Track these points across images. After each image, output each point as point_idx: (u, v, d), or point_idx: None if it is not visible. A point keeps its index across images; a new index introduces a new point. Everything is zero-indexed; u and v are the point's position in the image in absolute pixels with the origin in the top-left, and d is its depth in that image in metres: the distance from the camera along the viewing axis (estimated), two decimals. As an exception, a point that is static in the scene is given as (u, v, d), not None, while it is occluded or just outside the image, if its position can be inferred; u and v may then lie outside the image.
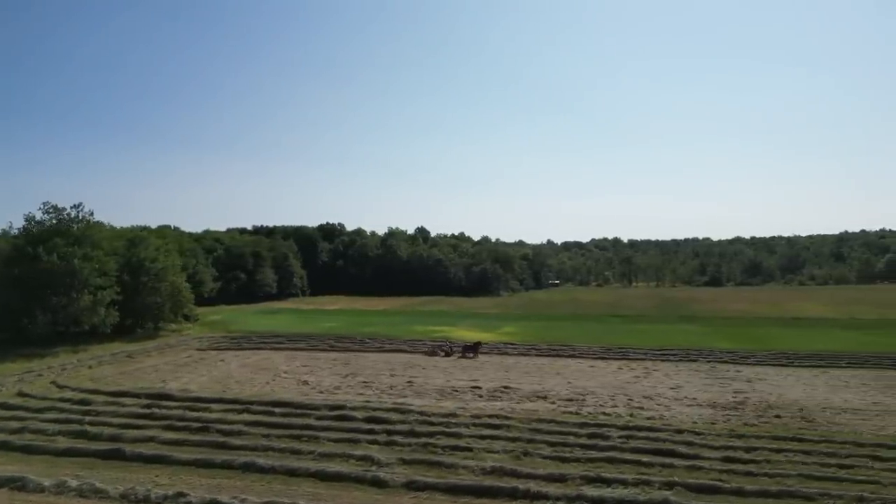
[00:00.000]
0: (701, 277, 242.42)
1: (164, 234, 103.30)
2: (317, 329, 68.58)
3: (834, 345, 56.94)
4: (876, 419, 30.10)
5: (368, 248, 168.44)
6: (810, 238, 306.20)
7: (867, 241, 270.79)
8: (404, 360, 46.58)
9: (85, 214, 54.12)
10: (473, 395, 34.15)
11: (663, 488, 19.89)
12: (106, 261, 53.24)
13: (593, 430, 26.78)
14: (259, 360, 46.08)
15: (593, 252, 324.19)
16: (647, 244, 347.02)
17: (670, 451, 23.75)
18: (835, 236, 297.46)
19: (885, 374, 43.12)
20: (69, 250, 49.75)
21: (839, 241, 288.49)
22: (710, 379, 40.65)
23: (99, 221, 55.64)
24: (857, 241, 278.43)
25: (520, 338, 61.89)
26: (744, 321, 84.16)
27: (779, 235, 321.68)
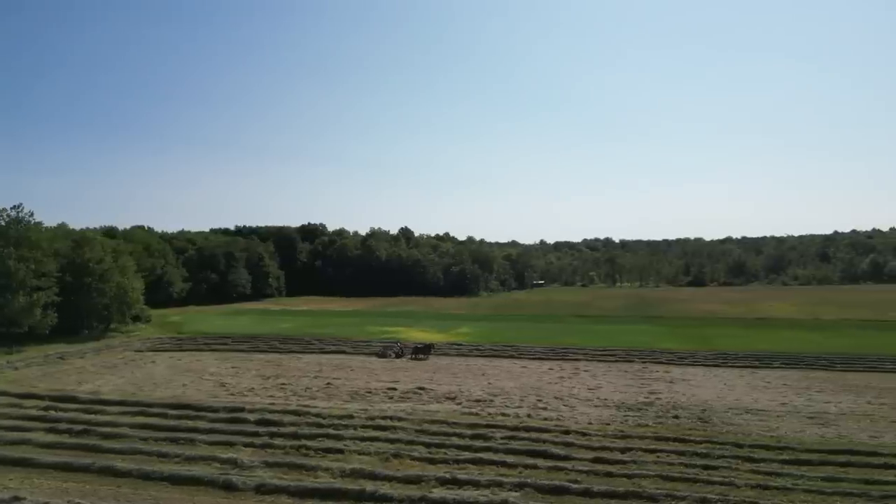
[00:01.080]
0: (685, 277, 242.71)
1: (115, 235, 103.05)
2: (271, 330, 68.42)
3: (781, 345, 57.14)
4: (775, 420, 30.19)
5: (348, 249, 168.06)
6: (800, 238, 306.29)
7: (854, 242, 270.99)
8: (338, 362, 46.54)
9: (24, 215, 53.80)
10: (384, 397, 34.14)
11: (513, 489, 19.94)
12: (44, 262, 52.98)
13: (482, 430, 26.85)
14: (191, 362, 45.98)
15: (583, 252, 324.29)
16: (639, 244, 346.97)
17: (544, 452, 23.80)
18: (822, 236, 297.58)
19: (812, 375, 43.30)
20: (3, 251, 49.48)
21: (826, 241, 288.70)
22: (634, 379, 40.73)
23: (39, 222, 55.39)
24: (845, 241, 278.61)
25: (472, 339, 61.92)
26: (706, 321, 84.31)
27: (771, 235, 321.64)
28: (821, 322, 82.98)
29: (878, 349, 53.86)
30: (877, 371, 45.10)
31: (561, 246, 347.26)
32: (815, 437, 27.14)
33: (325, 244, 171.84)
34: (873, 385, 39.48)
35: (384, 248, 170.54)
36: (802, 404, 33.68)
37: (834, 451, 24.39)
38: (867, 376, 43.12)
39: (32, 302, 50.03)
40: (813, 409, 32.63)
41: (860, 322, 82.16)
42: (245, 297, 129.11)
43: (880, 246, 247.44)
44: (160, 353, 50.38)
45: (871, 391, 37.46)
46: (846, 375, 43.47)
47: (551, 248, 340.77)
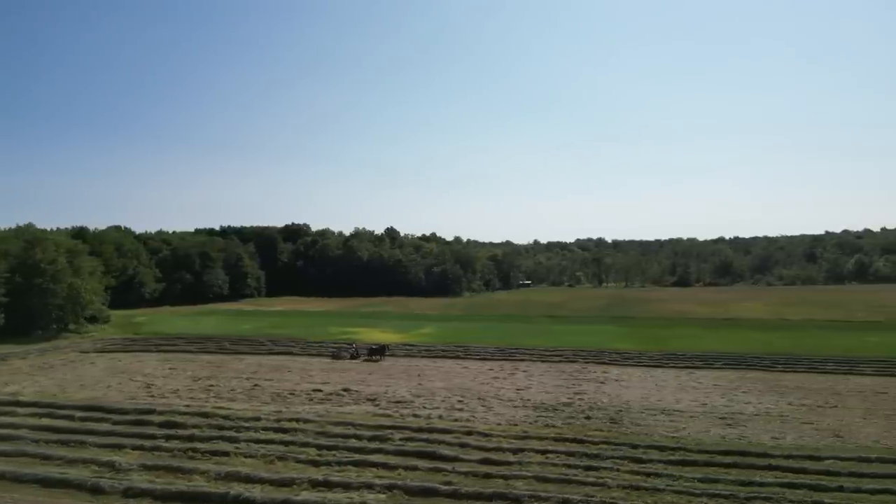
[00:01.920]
0: (671, 278, 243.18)
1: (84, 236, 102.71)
2: (231, 331, 68.33)
3: (735, 345, 57.42)
4: (686, 421, 30.25)
5: (329, 249, 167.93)
6: (790, 239, 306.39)
7: (841, 242, 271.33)
8: (279, 364, 46.45)
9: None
10: (305, 399, 34.11)
11: (382, 492, 19.96)
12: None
13: (384, 432, 26.85)
14: (131, 363, 45.88)
15: (575, 252, 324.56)
16: (631, 244, 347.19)
17: (433, 453, 23.83)
18: (812, 237, 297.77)
19: (749, 376, 43.41)
20: (-54, 252, 49.58)
21: (814, 241, 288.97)
22: (567, 380, 40.80)
23: None
24: (833, 241, 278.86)
25: (431, 340, 62.01)
26: (673, 322, 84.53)
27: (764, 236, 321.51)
28: (786, 322, 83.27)
29: (830, 350, 54.08)
30: (816, 372, 45.19)
31: (553, 246, 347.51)
32: (716, 437, 27.20)
33: (308, 244, 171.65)
34: (805, 386, 39.58)
35: (366, 248, 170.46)
36: (722, 405, 33.76)
37: (726, 452, 24.42)
38: (804, 377, 43.22)
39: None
40: (730, 409, 32.72)
41: (826, 322, 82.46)
42: (222, 297, 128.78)
43: (868, 246, 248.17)
44: (105, 355, 50.24)
45: (799, 392, 37.56)
46: (784, 376, 43.56)
47: (543, 248, 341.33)
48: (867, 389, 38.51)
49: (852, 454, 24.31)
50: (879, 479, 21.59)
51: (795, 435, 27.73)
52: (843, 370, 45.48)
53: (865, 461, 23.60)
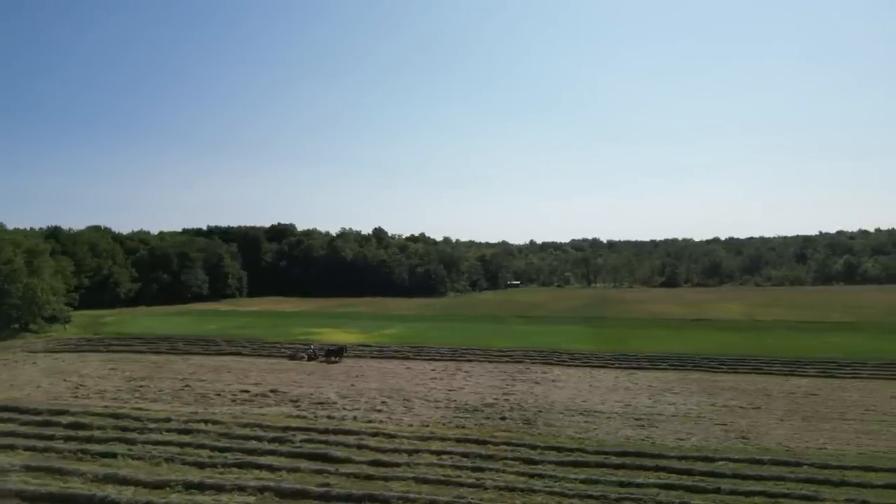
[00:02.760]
0: (659, 278, 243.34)
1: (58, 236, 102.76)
2: (197, 331, 68.20)
3: (691, 346, 57.48)
4: (603, 422, 30.26)
5: (314, 250, 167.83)
6: (784, 239, 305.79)
7: (832, 243, 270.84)
8: (222, 364, 46.39)
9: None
10: (227, 400, 34.05)
11: (253, 494, 19.85)
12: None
13: (286, 434, 26.75)
14: (73, 363, 45.80)
15: (568, 253, 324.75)
16: (626, 245, 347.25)
17: (325, 454, 23.76)
18: (804, 237, 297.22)
19: (690, 377, 43.51)
20: None
21: (805, 242, 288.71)
22: (504, 380, 40.86)
23: None
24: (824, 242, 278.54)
25: (392, 340, 61.94)
26: (642, 322, 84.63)
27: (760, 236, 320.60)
28: (755, 324, 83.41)
29: (788, 351, 54.09)
30: (759, 373, 45.30)
31: (548, 246, 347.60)
32: (620, 438, 27.18)
33: (292, 245, 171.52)
34: (740, 387, 39.60)
35: (351, 248, 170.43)
36: (646, 406, 33.75)
37: (622, 454, 24.35)
38: (745, 378, 43.32)
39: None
40: (652, 410, 32.72)
41: (797, 323, 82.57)
42: (202, 297, 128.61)
43: (859, 247, 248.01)
44: (52, 355, 50.13)
45: (730, 393, 37.59)
46: (726, 377, 43.68)
47: (538, 248, 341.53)
48: (800, 390, 38.53)
49: (746, 456, 24.29)
50: (762, 480, 21.55)
51: (702, 436, 27.70)
52: (787, 371, 45.53)
53: (757, 463, 23.56)
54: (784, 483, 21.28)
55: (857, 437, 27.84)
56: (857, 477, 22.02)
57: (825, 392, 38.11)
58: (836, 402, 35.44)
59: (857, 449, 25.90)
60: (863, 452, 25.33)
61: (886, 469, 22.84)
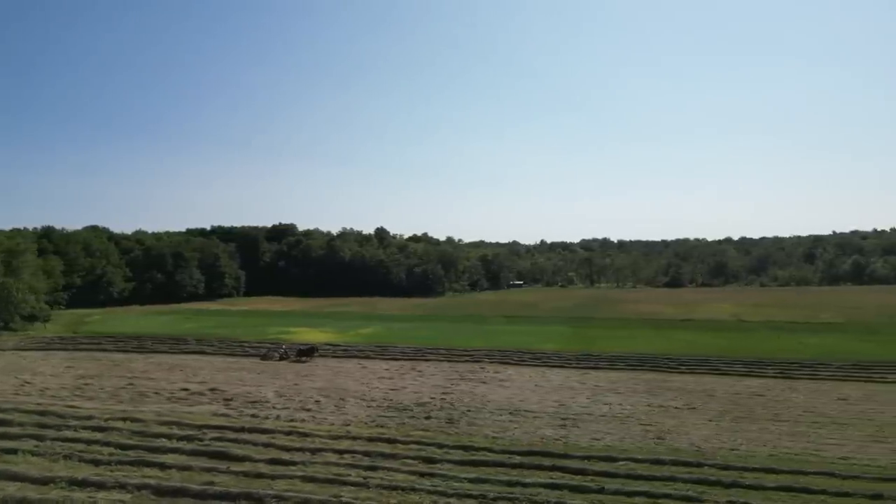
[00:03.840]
0: (664, 278, 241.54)
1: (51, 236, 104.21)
2: (175, 330, 68.79)
3: (659, 346, 57.10)
4: (528, 422, 30.10)
5: (313, 250, 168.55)
6: (795, 239, 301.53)
7: (841, 243, 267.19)
8: (179, 363, 46.80)
9: None
10: (163, 398, 34.30)
11: (132, 491, 19.98)
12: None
13: (202, 432, 26.86)
14: (32, 361, 46.38)
15: (576, 253, 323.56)
16: (636, 245, 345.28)
17: (225, 453, 23.83)
18: (814, 237, 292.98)
19: (643, 377, 43.35)
20: None
21: (815, 241, 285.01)
22: (450, 380, 40.91)
23: None
24: (834, 241, 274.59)
25: (362, 340, 62.11)
26: (624, 322, 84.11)
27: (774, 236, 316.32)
28: (740, 324, 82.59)
29: (759, 352, 53.46)
30: (717, 373, 44.95)
31: (556, 246, 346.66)
32: (535, 438, 27.02)
33: (291, 244, 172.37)
34: (688, 388, 39.32)
35: (350, 248, 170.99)
36: (579, 406, 33.57)
37: (527, 453, 24.20)
38: (699, 378, 43.10)
39: None
40: (584, 410, 32.56)
41: (784, 324, 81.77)
42: (197, 296, 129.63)
43: (869, 247, 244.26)
44: (18, 352, 50.88)
45: (674, 393, 37.36)
46: (680, 377, 43.56)
47: (547, 248, 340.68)
48: (748, 391, 38.17)
49: (650, 456, 24.04)
50: (652, 481, 21.32)
51: (619, 436, 27.46)
52: (745, 372, 45.07)
53: (658, 463, 23.30)
54: (673, 484, 21.03)
55: (778, 439, 27.44)
56: (754, 478, 21.69)
57: (773, 393, 37.63)
58: (778, 403, 34.99)
59: (771, 450, 25.53)
60: (774, 454, 24.97)
61: (788, 471, 22.49)
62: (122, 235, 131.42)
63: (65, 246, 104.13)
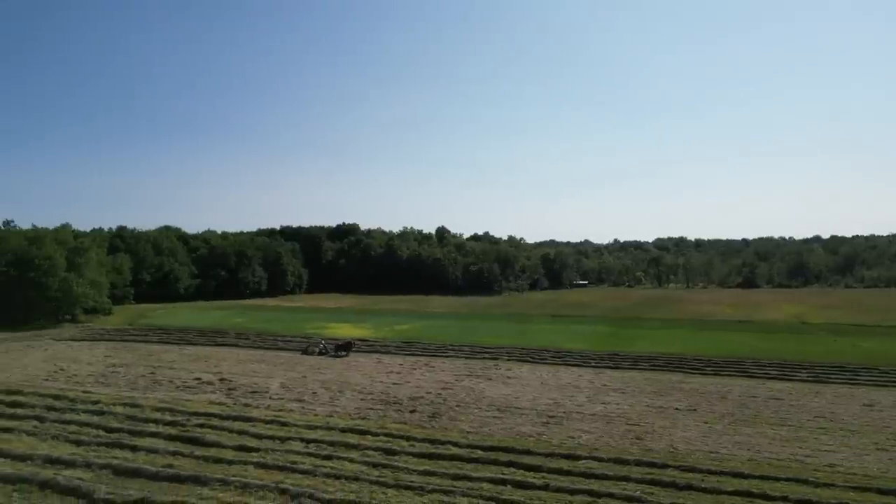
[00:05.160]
0: (738, 278, 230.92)
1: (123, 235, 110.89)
2: (225, 325, 71.94)
3: (698, 347, 55.09)
4: (513, 419, 29.76)
5: (372, 248, 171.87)
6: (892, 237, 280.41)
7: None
8: (208, 354, 48.92)
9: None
10: (172, 387, 36.03)
11: (95, 470, 21.19)
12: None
13: (188, 418, 28.19)
14: (76, 351, 49.74)
15: (650, 252, 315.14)
16: (716, 244, 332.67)
17: (198, 439, 24.90)
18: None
19: (658, 377, 41.86)
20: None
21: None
22: (456, 376, 41.04)
23: None
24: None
25: (396, 336, 62.86)
26: (676, 323, 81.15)
27: (872, 234, 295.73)
28: (800, 326, 78.37)
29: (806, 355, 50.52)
30: (743, 376, 42.75)
31: (629, 245, 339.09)
32: (509, 434, 26.69)
33: (352, 244, 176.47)
34: (701, 389, 37.91)
35: (408, 247, 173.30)
36: (574, 405, 32.88)
37: (491, 449, 24.15)
38: (720, 380, 41.33)
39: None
40: (575, 409, 31.87)
41: (846, 326, 77.00)
42: (260, 293, 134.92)
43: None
44: (70, 342, 54.63)
45: (682, 394, 36.11)
46: (698, 378, 41.80)
47: (619, 247, 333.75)
48: (767, 395, 36.19)
49: (612, 456, 23.29)
50: (602, 480, 20.72)
51: (597, 436, 26.73)
52: (775, 375, 42.72)
53: (620, 463, 22.61)
54: (623, 484, 20.34)
55: (769, 444, 25.94)
56: (716, 482, 20.67)
57: (793, 397, 35.50)
58: (792, 407, 33.01)
59: (753, 455, 24.19)
60: (754, 459, 23.65)
61: (757, 477, 21.28)
62: (191, 235, 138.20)
63: (135, 245, 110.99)
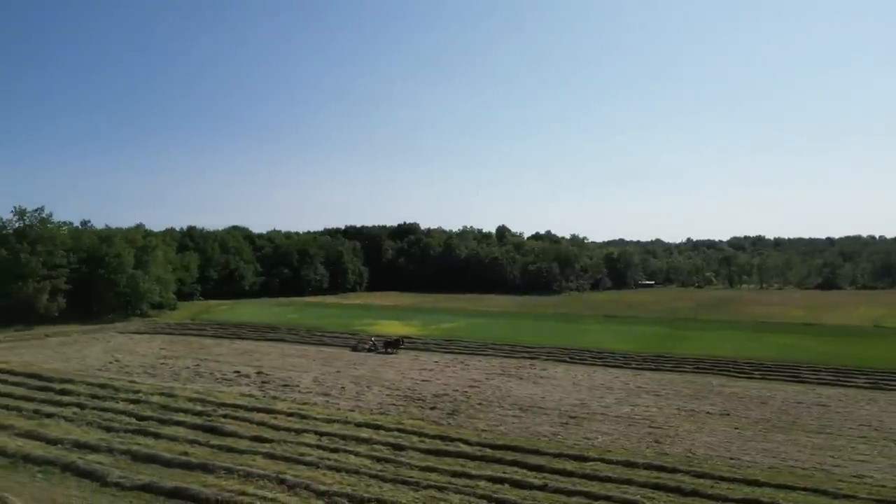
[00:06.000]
0: (817, 279, 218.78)
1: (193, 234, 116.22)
2: (277, 320, 74.36)
3: (752, 350, 52.82)
4: (529, 419, 29.42)
5: (431, 248, 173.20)
6: None
7: None
8: (254, 349, 50.71)
9: (44, 216, 64.87)
10: (210, 379, 37.60)
11: (115, 455, 22.36)
12: (55, 255, 63.08)
13: (214, 408, 29.29)
14: (136, 343, 52.53)
15: (725, 251, 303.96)
16: (797, 242, 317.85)
17: (218, 428, 25.87)
18: None
19: (697, 380, 40.61)
20: (19, 246, 59.94)
21: None
22: (488, 374, 41.01)
23: (62, 222, 67.59)
24: None
25: (440, 334, 63.14)
26: (732, 325, 77.85)
27: None
28: (872, 330, 73.60)
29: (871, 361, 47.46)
30: (793, 381, 40.75)
31: (702, 244, 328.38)
32: (523, 434, 26.40)
33: (412, 243, 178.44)
34: (743, 394, 36.35)
35: (467, 246, 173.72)
36: (603, 405, 32.36)
37: (501, 447, 23.99)
38: (767, 385, 39.61)
39: (39, 288, 59.87)
40: (603, 410, 31.31)
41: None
42: (321, 290, 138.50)
43: None
44: (133, 335, 57.84)
45: (719, 398, 34.93)
46: (743, 383, 40.37)
47: (691, 245, 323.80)
48: (812, 400, 34.32)
49: (622, 458, 22.62)
50: (606, 482, 20.20)
51: (613, 438, 26.14)
52: (829, 380, 40.54)
53: (630, 466, 21.96)
54: (624, 487, 19.75)
55: (798, 452, 24.57)
56: (727, 489, 19.81)
57: (840, 404, 33.49)
58: (837, 414, 31.16)
59: (777, 463, 22.95)
60: (775, 467, 22.43)
61: (773, 485, 20.21)
62: (257, 234, 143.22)
63: (203, 244, 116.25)
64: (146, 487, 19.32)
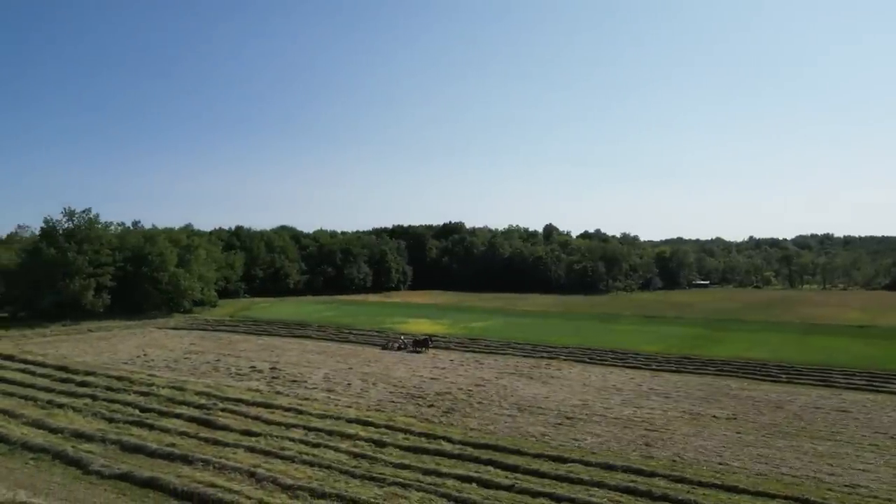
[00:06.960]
0: (885, 280, 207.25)
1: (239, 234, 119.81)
2: (312, 318, 75.89)
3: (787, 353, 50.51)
4: (524, 419, 29.10)
5: (475, 247, 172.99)
6: None
7: None
8: (278, 344, 51.90)
9: (92, 217, 68.23)
10: (224, 374, 38.83)
11: (106, 444, 23.37)
12: (101, 254, 66.23)
13: (215, 402, 30.19)
14: (168, 339, 54.64)
15: (789, 250, 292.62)
16: (869, 241, 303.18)
17: (211, 421, 26.70)
18: None
19: (716, 383, 39.06)
20: (67, 246, 63.26)
21: None
22: (498, 374, 40.81)
23: (108, 222, 71.11)
24: None
25: (465, 333, 62.91)
26: (776, 326, 74.77)
27: None
28: None
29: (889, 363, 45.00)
30: (822, 386, 38.89)
31: (764, 243, 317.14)
32: (511, 434, 26.11)
33: (455, 242, 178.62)
34: (759, 398, 34.97)
35: (511, 245, 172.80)
36: (604, 407, 31.55)
37: (484, 447, 23.86)
38: (792, 389, 37.87)
39: (84, 286, 62.98)
40: (603, 412, 30.55)
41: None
42: (365, 289, 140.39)
43: None
44: (168, 331, 60.19)
45: (732, 401, 33.67)
46: (766, 387, 38.73)
47: (754, 244, 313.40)
48: (834, 406, 32.65)
49: (601, 461, 22.04)
50: (575, 484, 19.82)
51: (603, 440, 25.55)
52: (861, 385, 38.76)
53: (607, 468, 21.49)
54: (593, 490, 19.35)
55: (795, 459, 23.39)
56: (702, 496, 19.12)
57: (863, 410, 31.74)
58: (854, 421, 29.62)
59: (768, 469, 21.98)
60: (763, 474, 21.44)
61: (752, 492, 19.42)
62: (303, 234, 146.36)
63: (249, 243, 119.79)
64: (124, 476, 20.14)
